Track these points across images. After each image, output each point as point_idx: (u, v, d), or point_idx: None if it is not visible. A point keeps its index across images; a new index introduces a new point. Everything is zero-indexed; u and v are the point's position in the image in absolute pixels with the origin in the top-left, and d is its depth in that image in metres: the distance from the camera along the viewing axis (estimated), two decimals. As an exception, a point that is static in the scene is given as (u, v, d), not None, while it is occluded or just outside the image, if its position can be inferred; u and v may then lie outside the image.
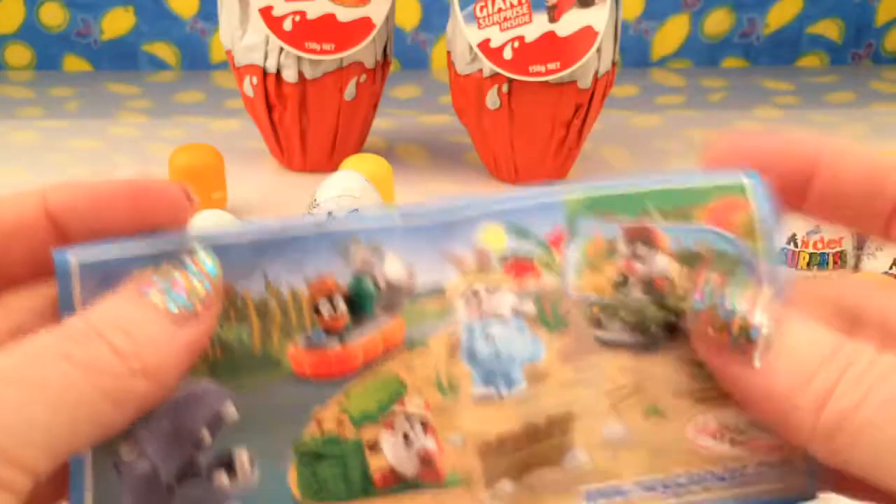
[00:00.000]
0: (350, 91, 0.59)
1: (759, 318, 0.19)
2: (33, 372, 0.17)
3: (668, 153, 0.65)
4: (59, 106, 0.72)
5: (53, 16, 0.78)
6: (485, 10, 0.56)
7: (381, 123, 0.65)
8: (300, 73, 0.58)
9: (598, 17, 0.55)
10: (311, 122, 0.59)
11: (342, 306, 0.20)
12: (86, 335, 0.17)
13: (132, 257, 0.19)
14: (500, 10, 0.56)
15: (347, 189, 0.46)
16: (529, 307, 0.20)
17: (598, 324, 0.20)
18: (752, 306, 0.19)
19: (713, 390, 0.20)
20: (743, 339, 0.19)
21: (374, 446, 0.20)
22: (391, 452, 0.20)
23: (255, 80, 0.59)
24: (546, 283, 0.20)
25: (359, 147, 0.62)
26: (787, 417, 0.18)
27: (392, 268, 0.20)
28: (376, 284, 0.20)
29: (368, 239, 0.20)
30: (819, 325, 0.19)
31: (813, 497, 0.20)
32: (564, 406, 0.20)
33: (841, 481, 0.20)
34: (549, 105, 0.56)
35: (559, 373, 0.20)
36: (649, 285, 0.20)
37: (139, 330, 0.18)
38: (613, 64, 0.58)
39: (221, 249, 0.19)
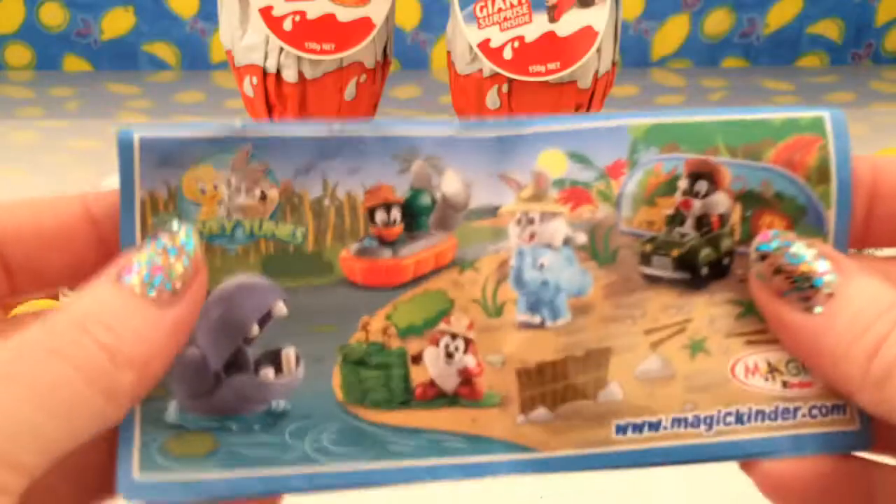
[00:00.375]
0: (350, 91, 0.59)
1: (824, 267, 0.19)
2: (22, 369, 0.17)
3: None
4: (59, 106, 0.72)
5: (53, 16, 0.78)
6: (485, 10, 0.56)
7: (381, 123, 0.65)
8: (300, 73, 0.58)
9: (598, 17, 0.55)
10: (311, 122, 0.59)
11: (397, 216, 0.20)
12: (70, 330, 0.17)
13: (191, 139, 0.19)
14: (500, 10, 0.56)
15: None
16: (582, 238, 0.20)
17: (646, 260, 0.20)
18: (817, 254, 0.19)
19: (765, 332, 0.20)
20: (806, 286, 0.19)
21: (418, 359, 0.20)
22: (433, 366, 0.20)
23: (255, 80, 0.59)
24: (600, 216, 0.20)
25: (359, 147, 0.62)
26: (838, 365, 0.18)
27: (449, 184, 0.20)
28: (433, 199, 0.20)
29: (428, 150, 0.20)
30: (881, 281, 0.19)
31: (867, 447, 0.20)
32: (604, 341, 0.20)
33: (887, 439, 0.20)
34: (549, 105, 0.56)
35: (603, 308, 0.20)
36: (704, 223, 0.20)
37: (121, 322, 0.18)
38: (613, 64, 0.58)
39: (280, 144, 0.20)
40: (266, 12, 0.57)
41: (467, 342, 0.20)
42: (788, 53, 0.82)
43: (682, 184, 0.20)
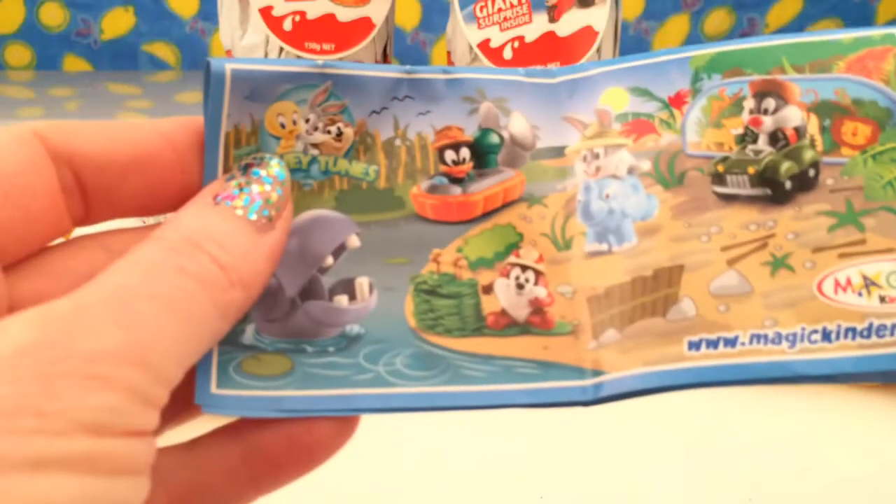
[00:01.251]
0: (350, 91, 0.59)
1: None
2: (159, 288, 0.17)
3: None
4: (59, 106, 0.72)
5: (53, 16, 0.78)
6: (485, 10, 0.56)
7: (381, 123, 0.65)
8: (300, 73, 0.58)
9: (598, 17, 0.55)
10: (311, 122, 0.59)
11: (466, 155, 0.21)
12: (187, 248, 0.18)
13: (278, 73, 0.20)
14: (500, 10, 0.56)
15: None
16: (646, 166, 0.20)
17: (719, 179, 0.20)
18: None
19: (861, 243, 0.19)
20: None
21: (489, 289, 0.20)
22: (504, 297, 0.20)
23: (255, 80, 0.59)
24: (664, 143, 0.20)
25: (359, 147, 0.62)
26: None
27: (517, 124, 0.21)
28: (501, 138, 0.21)
29: (496, 93, 0.21)
30: None
31: None
32: (676, 259, 0.20)
33: None
34: (549, 105, 0.56)
35: (671, 228, 0.20)
36: (779, 138, 0.20)
37: (231, 241, 0.18)
38: (613, 64, 0.58)
39: (354, 83, 0.20)
40: (266, 12, 0.57)
41: (537, 274, 0.20)
42: (788, 53, 0.82)
43: (749, 103, 0.20)
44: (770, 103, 0.20)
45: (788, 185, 0.20)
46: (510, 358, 0.20)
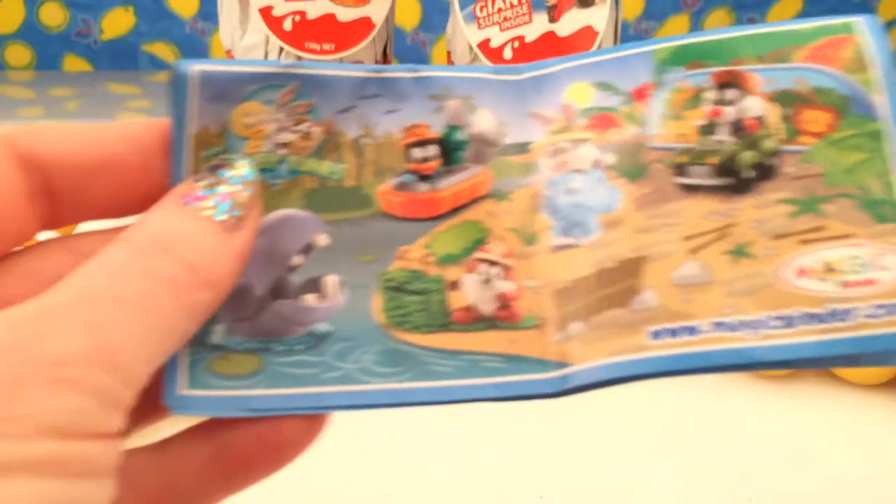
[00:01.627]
0: (350, 91, 0.59)
1: None
2: (125, 290, 0.17)
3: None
4: (59, 106, 0.72)
5: (53, 16, 0.78)
6: (485, 10, 0.56)
7: (381, 123, 0.65)
8: (300, 73, 0.58)
9: (598, 17, 0.55)
10: (311, 122, 0.59)
11: (434, 152, 0.21)
12: (155, 249, 0.18)
13: (244, 74, 0.20)
14: (500, 10, 0.56)
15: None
16: (610, 159, 0.20)
17: (681, 171, 0.20)
18: None
19: (821, 230, 0.19)
20: None
21: (456, 285, 0.21)
22: (471, 292, 0.21)
23: (255, 80, 0.59)
24: (628, 136, 0.20)
25: (359, 147, 0.62)
26: None
27: (483, 120, 0.21)
28: (467, 134, 0.21)
29: (462, 90, 0.21)
30: None
31: None
32: (639, 251, 0.20)
33: None
34: (549, 105, 0.56)
35: (634, 220, 0.20)
36: (739, 128, 0.20)
37: (198, 241, 0.18)
38: (613, 64, 0.58)
39: (321, 82, 0.20)
40: (266, 12, 0.57)
41: (505, 268, 0.20)
42: (788, 53, 0.82)
43: (711, 94, 0.20)
44: (731, 94, 0.20)
45: (750, 174, 0.20)
46: (477, 353, 0.20)
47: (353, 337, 0.20)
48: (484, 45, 0.55)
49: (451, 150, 0.21)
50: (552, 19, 0.55)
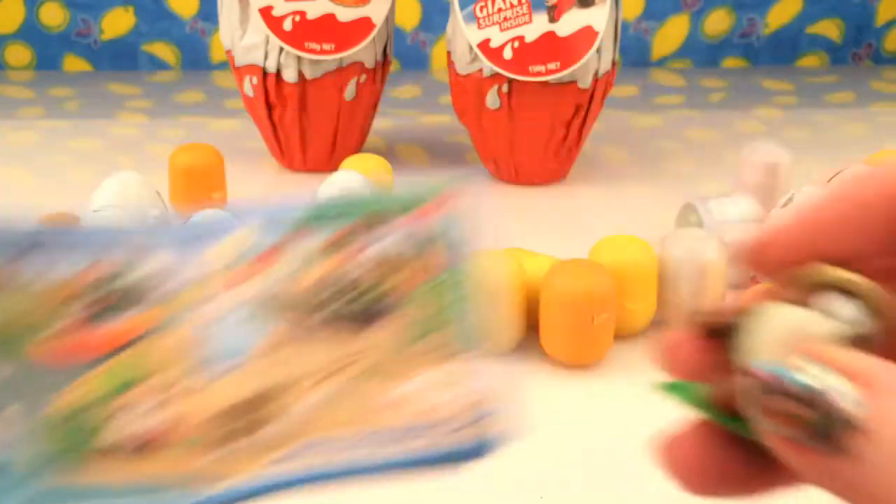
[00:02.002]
0: (350, 91, 0.59)
1: (843, 389, 0.15)
2: None
3: (668, 153, 0.65)
4: (59, 106, 0.72)
5: (53, 16, 0.78)
6: (485, 10, 0.56)
7: (381, 123, 0.65)
8: (300, 73, 0.58)
9: (598, 17, 0.55)
10: (311, 122, 0.59)
11: (98, 295, 0.21)
12: None
13: None
14: (500, 10, 0.56)
15: (347, 189, 0.46)
16: (257, 300, 0.22)
17: (317, 311, 0.23)
18: (826, 370, 0.15)
19: (419, 362, 0.22)
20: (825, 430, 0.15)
21: (116, 417, 0.21)
22: (134, 422, 0.21)
23: (254, 80, 0.59)
24: (274, 278, 0.23)
25: (359, 147, 0.62)
26: None
27: (151, 264, 0.22)
28: (135, 278, 0.22)
29: (130, 241, 0.22)
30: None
31: (479, 455, 0.22)
32: (267, 384, 0.22)
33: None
34: (549, 105, 0.56)
35: (266, 359, 0.22)
36: (348, 289, 0.22)
37: None
38: (613, 64, 0.58)
39: None
40: (266, 12, 0.57)
41: (164, 401, 0.21)
42: (788, 53, 0.83)
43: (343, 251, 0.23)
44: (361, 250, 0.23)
45: (363, 318, 0.22)
46: (124, 482, 0.21)
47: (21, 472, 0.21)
48: (484, 45, 0.55)
49: (119, 291, 0.21)
50: (552, 19, 0.55)
